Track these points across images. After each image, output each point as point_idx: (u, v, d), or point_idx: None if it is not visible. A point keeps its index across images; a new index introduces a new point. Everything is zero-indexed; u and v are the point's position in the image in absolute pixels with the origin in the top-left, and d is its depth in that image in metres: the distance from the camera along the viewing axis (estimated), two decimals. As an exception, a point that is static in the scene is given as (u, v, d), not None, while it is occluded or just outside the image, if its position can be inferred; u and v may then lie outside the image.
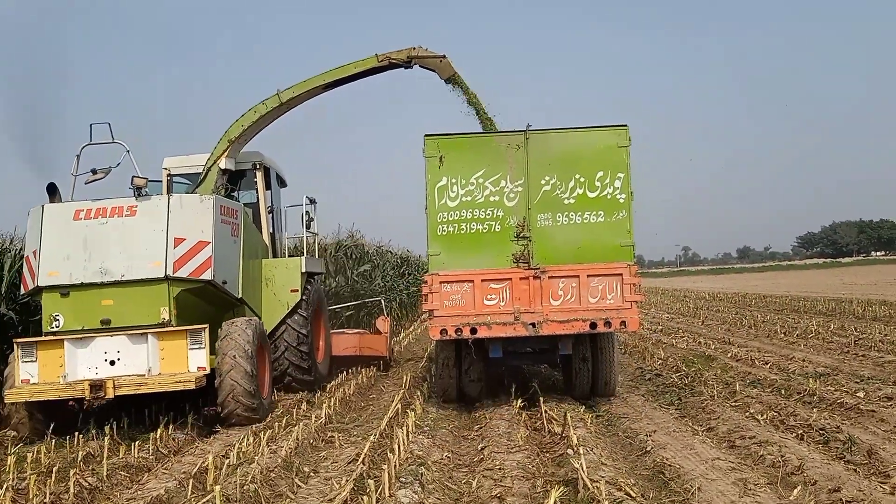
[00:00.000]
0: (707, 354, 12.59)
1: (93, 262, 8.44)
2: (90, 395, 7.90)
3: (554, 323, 8.25)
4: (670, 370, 11.04)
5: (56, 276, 8.41)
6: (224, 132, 10.44)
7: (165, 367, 8.26)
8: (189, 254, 8.56)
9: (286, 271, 10.67)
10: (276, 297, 10.49)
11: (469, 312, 8.28)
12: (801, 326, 16.43)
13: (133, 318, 8.39)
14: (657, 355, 12.34)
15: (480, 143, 8.79)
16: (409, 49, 10.47)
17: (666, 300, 31.75)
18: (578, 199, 8.38)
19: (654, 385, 10.00)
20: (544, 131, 8.59)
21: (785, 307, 23.27)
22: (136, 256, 8.47)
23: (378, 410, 9.25)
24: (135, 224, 8.59)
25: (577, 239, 8.40)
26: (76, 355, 8.23)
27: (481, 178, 8.41)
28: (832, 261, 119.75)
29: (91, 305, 8.41)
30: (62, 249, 8.49)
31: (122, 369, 8.23)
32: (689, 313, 23.09)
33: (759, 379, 9.98)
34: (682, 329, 17.45)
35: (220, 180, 10.28)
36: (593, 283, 8.27)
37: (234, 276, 9.32)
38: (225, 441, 7.81)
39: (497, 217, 8.41)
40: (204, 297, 8.97)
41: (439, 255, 8.43)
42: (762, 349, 13.20)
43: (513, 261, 8.39)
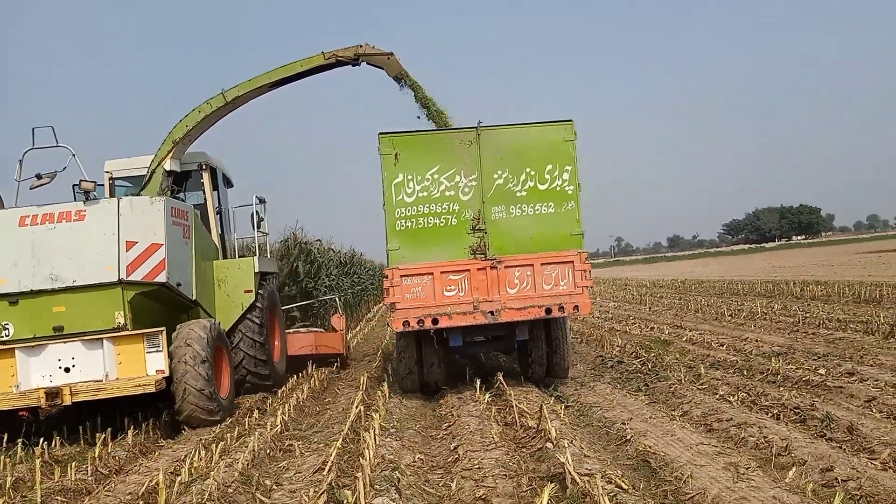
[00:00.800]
0: (662, 339, 12.58)
1: (42, 269, 8.24)
2: (46, 403, 7.77)
3: (511, 310, 8.56)
4: (630, 356, 10.93)
5: (4, 283, 8.21)
6: (168, 133, 10.17)
7: (123, 371, 8.15)
8: (142, 257, 8.44)
9: (239, 272, 10.54)
10: (230, 299, 10.36)
11: (430, 304, 8.51)
12: (745, 308, 16.69)
13: (87, 323, 8.24)
14: (614, 342, 12.23)
15: (434, 140, 8.97)
16: (357, 46, 10.35)
17: (609, 289, 32.07)
18: (530, 191, 8.68)
19: (618, 372, 9.83)
20: (495, 127, 8.83)
21: (724, 291, 23.73)
22: (88, 261, 8.28)
23: (337, 414, 8.75)
24: (85, 228, 8.39)
25: (530, 229, 8.69)
26: (28, 364, 8.10)
27: (436, 174, 8.63)
28: (757, 246, 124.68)
29: (42, 312, 8.23)
30: (9, 257, 8.30)
31: (77, 376, 8.10)
32: (634, 300, 23.29)
33: (720, 360, 9.96)
34: (632, 316, 17.49)
35: (166, 182, 10.05)
36: (547, 270, 8.59)
37: (187, 277, 9.21)
38: (171, 456, 7.20)
39: (453, 211, 8.64)
40: (159, 299, 8.85)
41: (399, 249, 8.61)
42: (714, 332, 13.27)
43: (470, 252, 8.63)
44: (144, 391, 7.98)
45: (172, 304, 9.19)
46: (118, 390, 7.95)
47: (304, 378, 11.79)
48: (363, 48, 10.37)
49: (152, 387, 7.98)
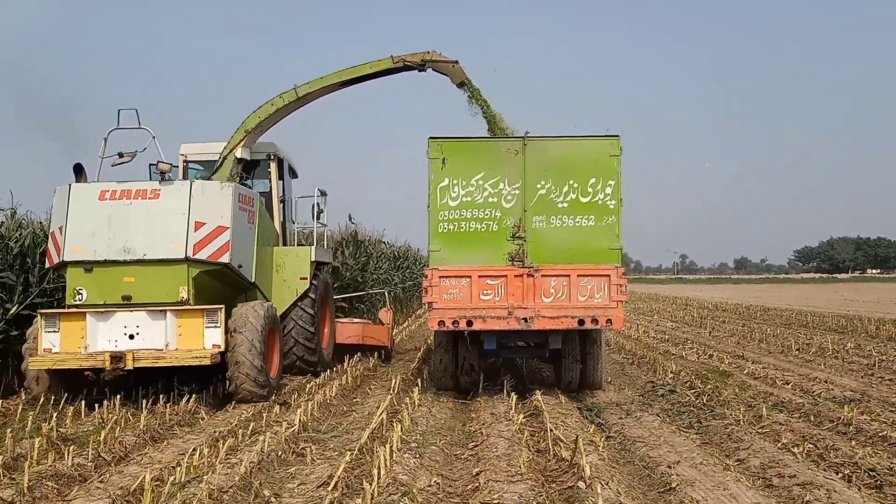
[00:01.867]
0: (721, 370, 11.63)
1: (116, 241, 8.78)
2: (111, 365, 8.45)
3: (545, 318, 8.72)
4: (684, 386, 10.07)
5: (81, 251, 8.75)
6: (241, 122, 10.70)
7: (182, 343, 8.67)
8: (208, 237, 8.90)
9: (297, 259, 11.05)
10: (286, 284, 10.89)
11: (466, 306, 8.73)
12: (814, 343, 15.48)
13: (153, 295, 8.76)
14: (668, 368, 11.35)
15: (481, 147, 9.13)
16: (424, 53, 10.79)
17: (668, 308, 30.78)
18: (571, 203, 8.81)
19: (669, 403, 8.99)
20: (541, 138, 8.99)
21: (792, 321, 22.31)
22: (159, 237, 8.80)
23: (361, 418, 8.23)
24: (158, 207, 8.90)
25: (569, 241, 8.82)
26: (97, 328, 8.63)
27: (481, 180, 8.82)
28: (828, 276, 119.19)
29: (113, 281, 8.76)
30: (88, 227, 8.81)
31: (140, 343, 8.65)
32: (694, 323, 22.12)
33: (784, 401, 9.01)
34: (690, 340, 16.47)
35: (235, 169, 10.54)
36: (583, 282, 8.74)
37: (248, 260, 9.70)
38: (179, 447, 6.80)
39: (495, 217, 8.84)
40: (220, 279, 9.30)
41: (440, 251, 8.86)
42: (778, 366, 12.23)
43: (508, 259, 8.82)
44: (200, 363, 8.53)
45: (232, 284, 9.63)
46: (177, 360, 8.52)
47: (336, 374, 11.35)
48: (430, 55, 10.78)
49: (208, 359, 8.52)
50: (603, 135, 8.94)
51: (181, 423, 7.91)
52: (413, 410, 8.19)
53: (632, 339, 16.80)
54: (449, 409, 8.76)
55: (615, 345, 15.23)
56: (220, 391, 9.55)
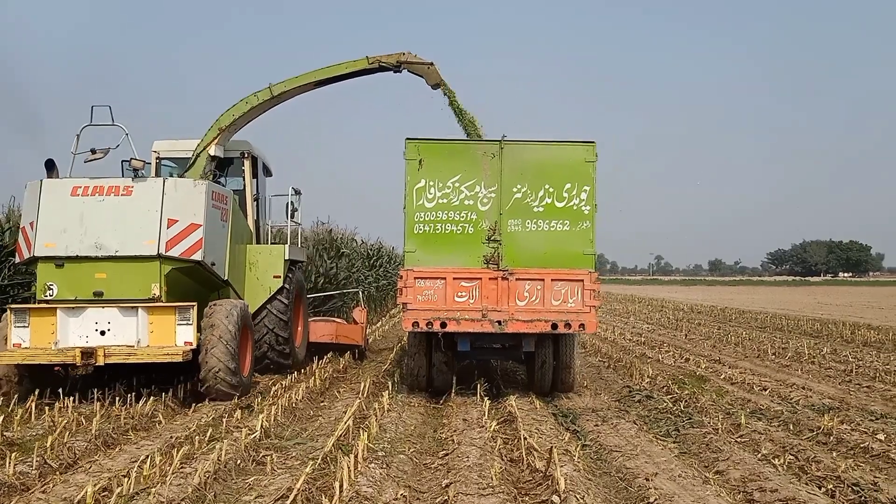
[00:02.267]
0: (698, 374, 11.48)
1: (88, 237, 8.75)
2: (81, 361, 8.33)
3: (518, 322, 8.76)
4: (661, 391, 9.87)
5: (52, 247, 8.73)
6: (215, 120, 10.68)
7: (154, 339, 8.63)
8: (181, 235, 8.90)
9: (270, 257, 11.04)
10: (259, 282, 10.88)
11: (440, 307, 8.74)
12: (790, 347, 15.44)
13: (125, 291, 8.75)
14: (645, 372, 11.15)
15: (458, 150, 9.12)
16: (399, 54, 10.86)
17: (644, 309, 30.77)
18: (547, 207, 8.85)
19: (646, 409, 8.77)
20: (518, 142, 8.98)
21: (767, 325, 22.35)
22: (131, 234, 8.80)
23: (328, 423, 7.88)
24: (131, 203, 8.89)
25: (544, 245, 8.86)
26: (68, 324, 8.60)
27: (457, 183, 8.83)
28: (801, 279, 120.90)
29: (85, 277, 8.74)
30: (59, 223, 8.79)
31: (111, 339, 8.60)
32: (669, 325, 22.05)
33: (762, 408, 8.86)
34: (667, 343, 16.33)
35: (209, 166, 10.54)
36: (556, 286, 8.77)
37: (221, 258, 9.66)
38: (132, 454, 6.40)
39: (470, 220, 8.85)
40: (193, 276, 9.31)
41: (415, 252, 8.85)
42: (755, 371, 12.11)
43: (483, 262, 8.85)
44: (172, 360, 8.47)
45: (205, 282, 9.64)
46: (148, 356, 8.48)
47: (304, 376, 10.99)
48: (406, 56, 10.85)
49: (179, 356, 8.45)
50: (579, 140, 8.98)
51: (137, 428, 7.51)
52: (382, 416, 7.88)
53: (608, 341, 16.63)
54: (420, 415, 8.46)
55: (591, 347, 15.04)
56: (181, 393, 9.16)
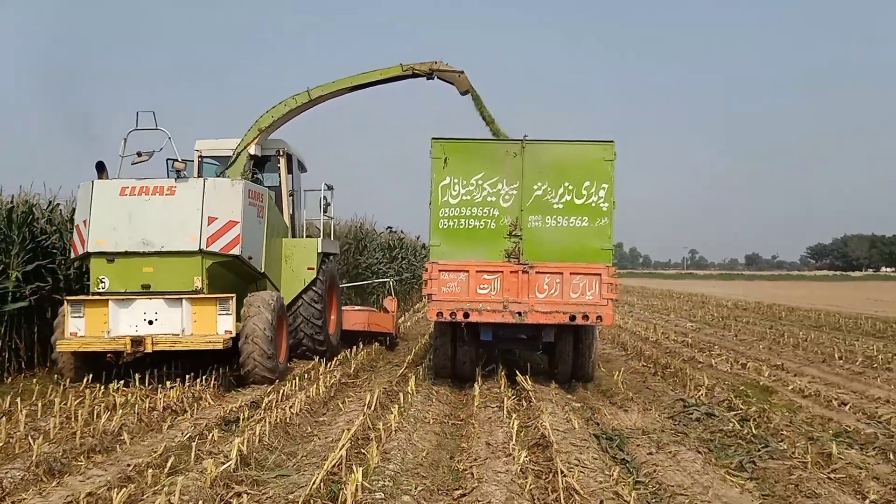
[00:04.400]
0: (761, 384, 9.90)
1: (136, 234, 9.38)
2: (131, 348, 9.05)
3: (538, 313, 9.06)
4: (721, 406, 8.37)
5: (103, 244, 9.38)
6: (254, 121, 11.32)
7: (197, 328, 9.30)
8: (220, 231, 9.48)
9: (304, 250, 11.58)
10: (295, 274, 11.42)
11: (463, 299, 9.08)
12: (857, 350, 13.74)
13: (170, 284, 9.37)
14: (699, 382, 9.63)
15: (481, 149, 9.41)
16: (432, 63, 11.34)
17: (684, 305, 28.99)
18: (566, 204, 9.12)
19: (708, 430, 7.27)
20: (539, 141, 9.28)
21: (821, 323, 20.52)
22: (175, 231, 9.41)
23: (323, 446, 6.55)
24: (174, 202, 9.50)
25: (563, 240, 9.14)
26: (119, 314, 9.27)
27: (480, 180, 9.15)
28: (842, 273, 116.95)
29: (133, 271, 9.38)
30: (109, 221, 9.41)
31: (158, 328, 9.27)
32: (715, 323, 20.34)
33: (849, 430, 7.33)
34: (717, 344, 14.70)
35: (248, 164, 11.13)
36: (575, 280, 9.05)
37: (258, 252, 10.24)
38: (72, 490, 5.13)
39: (493, 216, 9.17)
40: (232, 269, 9.91)
41: (440, 246, 9.20)
42: (826, 380, 10.51)
43: (505, 256, 9.15)
44: (214, 347, 9.13)
45: (243, 275, 10.23)
46: (192, 344, 9.16)
47: (308, 381, 9.70)
48: (438, 64, 11.33)
49: (220, 344, 9.12)
50: (598, 140, 9.21)
51: (94, 450, 6.27)
52: (388, 437, 6.52)
53: (650, 342, 15.07)
54: (434, 435, 7.08)
55: (633, 350, 13.52)
56: (160, 404, 7.93)
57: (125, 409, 7.68)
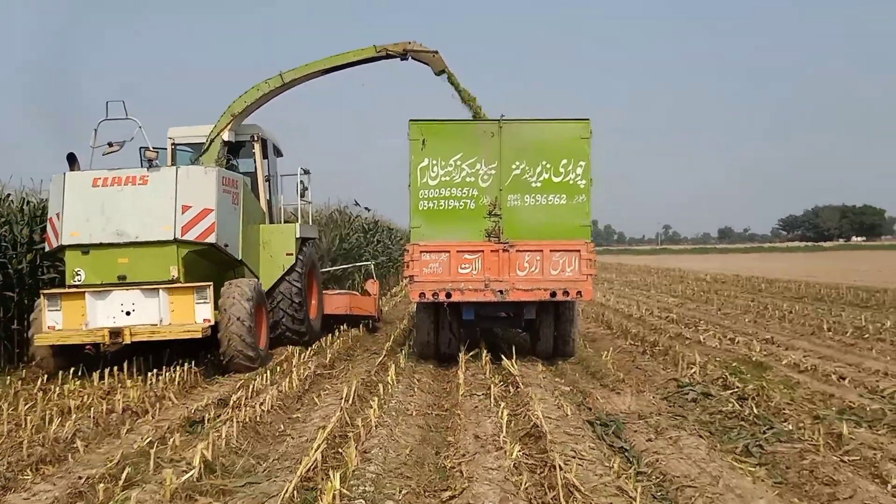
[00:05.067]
0: (754, 360, 9.54)
1: (110, 225, 9.26)
2: (110, 340, 8.94)
3: (519, 291, 9.17)
4: (717, 384, 7.99)
5: (77, 236, 9.26)
6: (227, 107, 11.11)
7: (175, 318, 9.21)
8: (195, 219, 9.35)
9: (282, 236, 11.46)
10: (273, 260, 11.30)
11: (445, 279, 9.14)
12: (845, 321, 13.50)
13: (146, 274, 9.26)
14: (690, 359, 9.25)
15: (459, 129, 9.43)
16: (406, 42, 11.19)
17: (664, 280, 28.76)
18: (544, 182, 9.20)
19: (707, 412, 6.86)
20: (516, 121, 9.34)
21: (803, 294, 20.35)
22: (149, 221, 9.27)
23: (296, 447, 6.03)
24: (147, 192, 9.37)
25: (542, 218, 9.21)
26: (96, 306, 9.16)
27: (459, 161, 9.17)
28: (814, 244, 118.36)
29: (109, 263, 9.27)
30: (83, 213, 9.29)
31: (136, 319, 9.19)
32: (697, 297, 20.08)
33: (853, 407, 6.98)
34: (702, 320, 14.38)
35: (222, 151, 11.02)
36: (555, 257, 9.16)
37: (234, 239, 10.12)
38: None
39: (472, 196, 9.21)
40: (208, 257, 9.76)
41: (420, 227, 9.23)
42: (819, 353, 10.21)
43: (485, 235, 9.22)
44: (192, 336, 9.03)
45: (220, 262, 10.07)
46: (170, 334, 9.06)
47: (281, 374, 9.17)
48: (411, 45, 11.17)
49: (199, 333, 9.02)
50: (574, 118, 9.26)
51: (43, 461, 5.69)
52: (368, 434, 6.02)
53: (634, 319, 14.72)
54: (419, 428, 6.60)
55: (618, 327, 13.15)
56: (119, 406, 7.33)
57: (80, 413, 7.10)
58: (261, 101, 11.29)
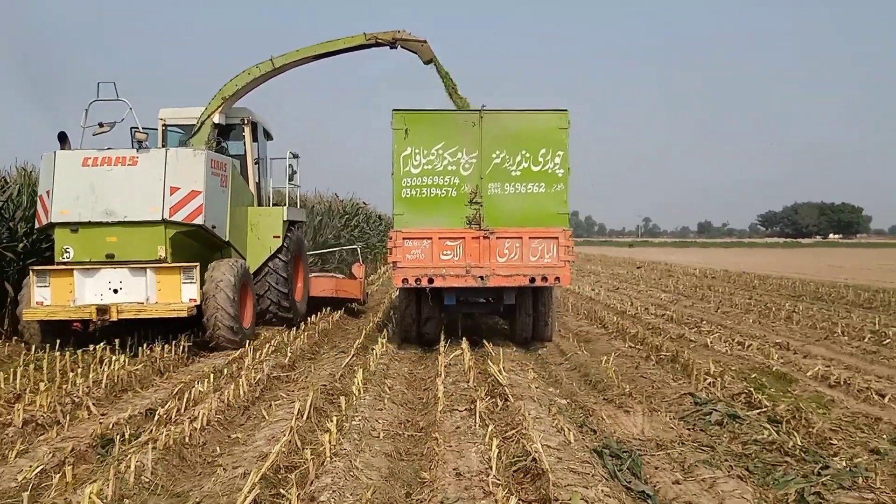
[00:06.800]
0: (774, 370, 8.37)
1: (99, 204, 9.36)
2: (97, 317, 9.07)
3: (499, 276, 9.31)
4: (739, 401, 6.82)
5: (67, 214, 9.36)
6: (218, 90, 11.24)
7: (161, 297, 9.34)
8: (183, 201, 9.46)
9: (269, 218, 11.57)
10: (260, 242, 11.42)
11: (427, 265, 9.27)
12: (856, 324, 12.44)
13: (134, 253, 9.38)
14: (702, 368, 8.05)
15: (441, 119, 9.57)
16: (395, 31, 11.34)
17: (651, 274, 27.66)
18: (524, 171, 9.35)
19: (739, 441, 5.64)
20: (497, 111, 9.49)
21: (800, 293, 19.33)
22: (137, 201, 9.38)
23: (228, 484, 4.71)
24: (136, 173, 9.46)
25: (522, 206, 9.36)
26: (84, 283, 9.31)
27: (441, 150, 9.30)
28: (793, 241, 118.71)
29: (97, 241, 9.38)
30: (72, 191, 9.38)
31: (123, 297, 9.32)
32: (691, 294, 18.96)
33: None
34: (703, 319, 13.23)
35: (213, 133, 11.10)
36: (534, 244, 9.33)
37: (222, 221, 10.22)
38: None
39: (454, 184, 9.34)
40: (196, 238, 9.91)
41: (403, 214, 9.34)
42: (842, 362, 9.13)
43: (466, 222, 9.34)
44: (178, 315, 9.18)
45: (208, 243, 10.25)
46: (156, 312, 9.19)
47: (230, 377, 7.83)
48: (401, 33, 11.32)
49: (185, 312, 9.18)
50: (553, 109, 9.41)
51: None
52: (322, 465, 4.72)
53: (629, 316, 13.54)
54: (386, 457, 5.26)
55: (614, 327, 11.93)
56: (18, 418, 5.96)
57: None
58: (251, 84, 11.37)
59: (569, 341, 10.84)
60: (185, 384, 7.50)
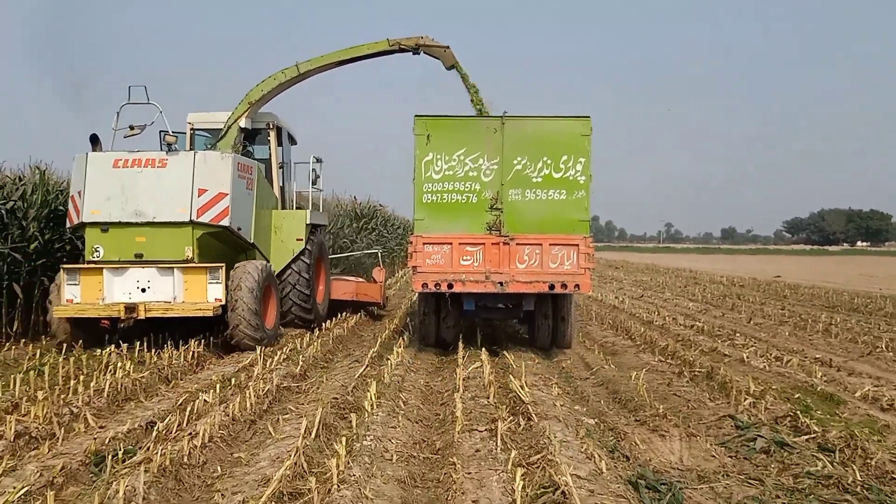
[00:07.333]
0: (819, 390, 7.79)
1: (129, 205, 9.60)
2: (125, 315, 9.31)
3: (518, 283, 9.32)
4: (785, 425, 6.27)
5: (98, 214, 9.61)
6: (245, 95, 11.50)
7: (188, 296, 9.59)
8: (210, 203, 9.65)
9: (293, 221, 11.73)
10: (284, 244, 11.59)
11: (447, 270, 9.32)
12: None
13: (162, 253, 9.63)
14: (741, 386, 7.51)
15: (463, 125, 9.59)
16: (418, 38, 11.51)
17: (676, 281, 26.96)
18: (545, 178, 9.34)
19: (790, 473, 5.09)
20: (518, 118, 9.48)
21: (834, 303, 18.61)
22: (166, 202, 9.60)
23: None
24: (165, 175, 9.67)
25: (542, 212, 9.35)
26: (113, 282, 9.56)
27: (462, 156, 9.35)
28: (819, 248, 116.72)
29: (127, 241, 9.63)
30: (103, 192, 9.62)
31: (151, 296, 9.58)
32: (719, 303, 18.31)
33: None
34: (735, 331, 12.63)
35: (239, 137, 11.36)
36: (554, 250, 9.32)
37: (247, 223, 10.42)
38: None
39: (474, 190, 9.37)
40: (222, 240, 10.10)
41: (424, 220, 9.38)
42: (891, 382, 8.49)
43: (486, 228, 9.37)
44: (204, 314, 9.44)
45: (233, 245, 10.44)
46: (183, 311, 9.42)
47: (238, 387, 7.42)
48: (424, 39, 11.49)
49: (210, 311, 9.42)
50: (575, 115, 9.39)
51: None
52: (329, 495, 4.27)
53: (656, 327, 12.95)
54: (399, 484, 4.81)
55: (640, 338, 11.37)
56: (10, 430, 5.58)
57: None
58: (277, 90, 11.62)
59: (594, 353, 10.31)
60: (191, 394, 7.12)
